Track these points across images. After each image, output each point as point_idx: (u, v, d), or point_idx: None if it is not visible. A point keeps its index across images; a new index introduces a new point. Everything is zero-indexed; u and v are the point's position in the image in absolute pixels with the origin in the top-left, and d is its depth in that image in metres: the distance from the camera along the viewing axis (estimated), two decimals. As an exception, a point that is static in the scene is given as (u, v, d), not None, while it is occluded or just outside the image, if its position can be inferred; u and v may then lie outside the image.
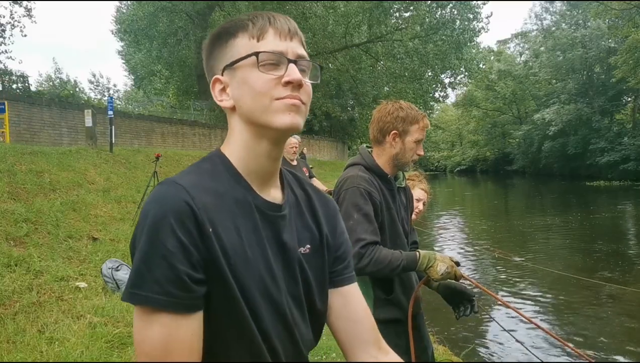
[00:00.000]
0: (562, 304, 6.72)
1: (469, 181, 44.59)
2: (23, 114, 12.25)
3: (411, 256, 1.90)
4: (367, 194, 1.93)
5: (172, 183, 0.79)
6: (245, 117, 0.87)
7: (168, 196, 0.77)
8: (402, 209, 2.10)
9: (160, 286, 0.73)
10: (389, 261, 1.87)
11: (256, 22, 0.86)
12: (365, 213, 1.91)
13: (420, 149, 2.06)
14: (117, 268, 5.23)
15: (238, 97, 0.87)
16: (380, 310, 1.97)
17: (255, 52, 0.84)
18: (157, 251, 0.74)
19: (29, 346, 3.65)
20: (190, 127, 19.88)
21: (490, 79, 49.24)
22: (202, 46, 0.95)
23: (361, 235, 1.87)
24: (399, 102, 2.07)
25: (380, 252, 1.88)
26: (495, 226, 14.37)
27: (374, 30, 23.85)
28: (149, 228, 0.75)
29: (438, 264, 1.89)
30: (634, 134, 32.18)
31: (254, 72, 0.84)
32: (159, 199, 0.77)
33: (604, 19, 32.74)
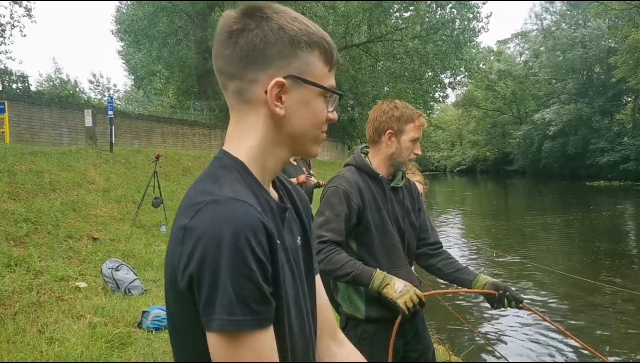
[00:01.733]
0: (562, 303, 6.72)
1: (469, 181, 44.58)
2: (23, 114, 12.25)
3: (367, 271, 1.86)
4: (345, 196, 1.94)
5: (234, 200, 0.76)
6: (292, 133, 0.87)
7: (239, 214, 0.75)
8: (397, 209, 2.08)
9: (249, 307, 0.73)
10: (342, 266, 1.85)
11: (332, 48, 0.89)
12: (337, 213, 1.92)
13: (418, 148, 2.06)
14: (117, 268, 5.23)
15: (293, 113, 0.86)
16: (372, 308, 1.97)
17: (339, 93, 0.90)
18: (242, 273, 0.72)
19: (29, 346, 3.65)
20: (190, 127, 19.87)
21: (490, 79, 49.20)
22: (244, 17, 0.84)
23: (324, 232, 1.89)
24: (394, 102, 2.07)
25: (338, 254, 1.87)
26: (496, 226, 14.37)
27: (374, 30, 23.85)
28: (230, 251, 0.72)
29: (395, 283, 1.84)
30: (634, 134, 32.17)
31: (319, 101, 0.88)
32: (232, 219, 0.74)
33: (604, 19, 32.73)
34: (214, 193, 0.78)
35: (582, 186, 28.51)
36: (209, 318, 0.73)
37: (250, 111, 0.86)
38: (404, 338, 2.04)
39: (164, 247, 7.17)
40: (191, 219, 0.75)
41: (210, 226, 0.73)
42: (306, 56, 0.85)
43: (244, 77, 0.84)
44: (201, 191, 0.80)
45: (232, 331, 0.72)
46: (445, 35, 24.67)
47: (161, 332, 4.10)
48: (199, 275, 0.73)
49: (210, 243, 0.72)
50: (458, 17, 25.05)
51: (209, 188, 0.80)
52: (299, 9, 20.57)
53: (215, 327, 0.72)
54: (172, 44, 23.91)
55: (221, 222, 0.73)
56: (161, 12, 22.54)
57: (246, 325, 0.73)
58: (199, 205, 0.76)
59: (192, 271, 0.73)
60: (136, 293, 5.09)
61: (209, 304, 0.73)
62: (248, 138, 0.87)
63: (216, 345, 0.73)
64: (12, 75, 17.32)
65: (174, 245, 0.78)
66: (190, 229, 0.75)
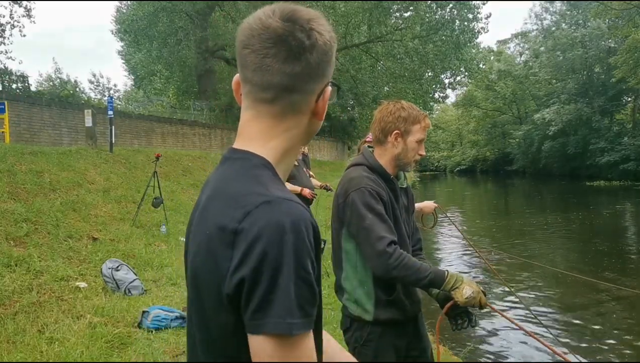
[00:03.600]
0: (562, 303, 6.71)
1: (469, 181, 44.58)
2: (23, 114, 12.25)
3: (440, 273, 1.87)
4: (377, 194, 1.93)
5: (286, 201, 0.76)
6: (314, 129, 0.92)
7: (295, 214, 0.75)
8: (403, 211, 2.10)
9: (304, 310, 0.73)
10: (417, 269, 1.84)
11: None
12: (378, 213, 1.90)
13: (422, 149, 2.06)
14: (117, 268, 5.23)
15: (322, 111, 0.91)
16: (381, 310, 1.96)
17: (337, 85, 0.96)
18: (300, 275, 0.73)
19: (29, 346, 3.65)
20: (190, 127, 19.87)
21: (490, 79, 49.20)
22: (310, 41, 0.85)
23: (382, 233, 1.85)
24: (401, 102, 2.07)
25: (409, 258, 1.86)
26: (496, 226, 14.37)
27: (373, 30, 23.84)
28: (291, 251, 0.72)
29: (465, 287, 1.85)
30: (634, 134, 32.18)
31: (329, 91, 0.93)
32: (289, 220, 0.74)
33: (604, 19, 32.72)
34: (263, 194, 0.77)
35: (582, 186, 28.51)
36: (260, 322, 0.72)
37: (293, 117, 0.87)
38: (407, 338, 2.05)
39: (164, 247, 7.16)
40: (242, 221, 0.74)
41: (268, 228, 0.73)
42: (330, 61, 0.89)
43: (306, 91, 0.86)
44: (244, 191, 0.79)
45: (289, 334, 0.71)
46: (445, 35, 24.67)
47: (161, 331, 4.10)
48: (255, 278, 0.72)
49: (269, 245, 0.72)
50: (458, 17, 25.03)
51: (254, 188, 0.79)
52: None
53: (271, 329, 0.71)
54: (172, 44, 23.91)
55: (279, 223, 0.73)
56: (161, 12, 22.54)
57: (302, 328, 0.72)
58: (248, 207, 0.75)
59: (245, 274, 0.72)
60: (136, 293, 5.09)
61: (262, 307, 0.71)
62: (275, 140, 0.87)
63: (265, 348, 0.72)
64: (12, 75, 17.34)
65: (218, 248, 0.76)
66: (243, 231, 0.73)
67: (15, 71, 18.22)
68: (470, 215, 18.85)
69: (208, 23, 23.35)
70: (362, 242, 1.90)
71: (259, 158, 0.85)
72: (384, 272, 1.84)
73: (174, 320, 4.26)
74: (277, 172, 0.86)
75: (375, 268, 1.87)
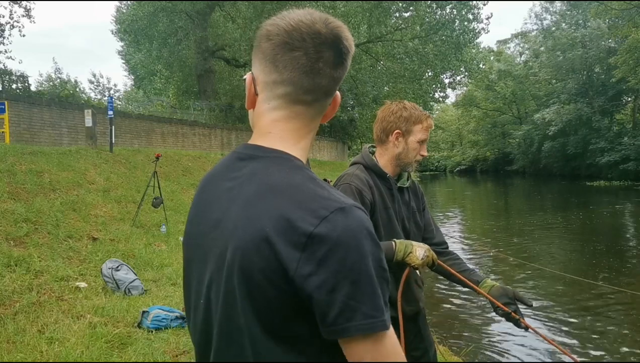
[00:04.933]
0: (561, 304, 6.71)
1: (469, 181, 44.57)
2: (23, 114, 12.25)
3: (388, 245, 1.86)
4: (358, 193, 1.94)
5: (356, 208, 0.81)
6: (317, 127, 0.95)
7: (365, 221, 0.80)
8: (403, 209, 2.09)
9: (386, 306, 0.78)
10: None
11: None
12: None
13: (424, 150, 2.07)
14: (117, 268, 5.23)
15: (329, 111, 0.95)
16: None
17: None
18: (382, 275, 0.78)
19: (29, 346, 3.65)
20: (190, 127, 19.87)
21: (490, 79, 49.21)
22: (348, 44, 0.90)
23: None
24: (403, 102, 2.07)
25: None
26: (497, 226, 14.37)
27: (374, 30, 23.83)
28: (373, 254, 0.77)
29: (416, 249, 1.86)
30: (634, 134, 32.17)
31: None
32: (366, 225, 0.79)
33: (604, 19, 32.72)
34: (334, 200, 0.80)
35: (582, 186, 28.51)
36: (347, 325, 0.75)
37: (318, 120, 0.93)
38: (407, 337, 2.04)
39: (164, 247, 7.16)
40: (317, 226, 0.76)
41: (346, 235, 0.76)
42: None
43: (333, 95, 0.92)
44: (310, 192, 0.81)
45: (382, 330, 0.76)
46: (445, 35, 24.68)
47: (161, 332, 4.10)
48: (336, 283, 0.74)
49: (350, 252, 0.75)
50: (458, 17, 25.04)
51: (320, 192, 0.81)
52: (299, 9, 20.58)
53: (365, 330, 0.75)
54: (172, 44, 23.93)
55: (356, 230, 0.77)
56: (161, 12, 22.55)
57: (390, 323, 0.78)
58: (322, 212, 0.77)
59: (324, 279, 0.75)
60: (136, 293, 5.09)
61: (348, 308, 0.75)
62: (303, 140, 0.91)
63: (361, 348, 0.76)
64: (12, 75, 17.33)
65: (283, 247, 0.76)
66: (319, 237, 0.75)
67: (15, 71, 18.22)
68: (471, 215, 18.86)
69: (208, 23, 23.35)
70: None
71: (298, 159, 0.88)
72: None
73: (174, 320, 4.26)
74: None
75: None
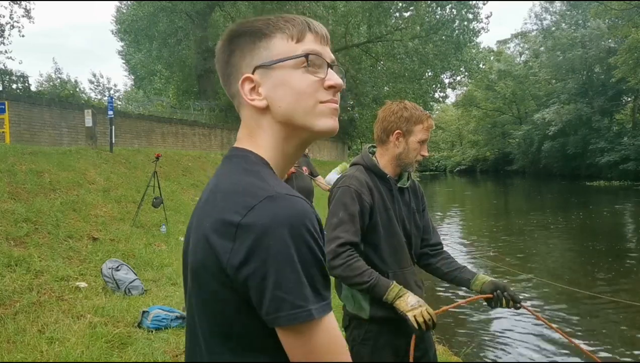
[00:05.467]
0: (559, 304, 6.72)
1: (469, 181, 44.57)
2: (23, 114, 12.26)
3: (384, 283, 1.85)
4: (357, 195, 1.94)
5: (288, 196, 0.77)
6: (282, 118, 0.86)
7: (300, 207, 0.76)
8: (403, 210, 2.09)
9: (320, 294, 0.75)
10: (360, 274, 1.83)
11: (294, 24, 0.87)
12: (350, 213, 1.91)
13: (425, 150, 2.07)
14: (117, 268, 5.23)
15: (274, 98, 0.86)
16: (377, 308, 1.96)
17: (306, 53, 0.84)
18: (312, 263, 0.75)
19: (29, 346, 3.65)
20: (190, 127, 19.87)
21: (490, 79, 49.19)
22: (219, 45, 0.91)
23: (340, 233, 1.87)
24: (404, 102, 2.07)
25: (356, 261, 1.85)
26: (497, 226, 14.37)
27: (374, 30, 23.85)
28: (301, 242, 0.74)
29: (408, 296, 1.83)
30: (634, 134, 32.16)
31: (297, 73, 0.85)
32: (292, 214, 0.75)
33: (604, 19, 32.71)
34: (265, 189, 0.78)
35: (582, 186, 28.51)
36: (276, 315, 0.73)
37: (256, 115, 0.88)
38: (406, 337, 2.04)
39: (164, 247, 7.16)
40: (245, 216, 0.75)
41: (272, 223, 0.74)
42: (266, 44, 0.86)
43: (231, 91, 0.90)
44: (244, 186, 0.80)
45: (308, 321, 0.73)
46: (445, 35, 24.69)
47: (161, 331, 4.10)
48: (263, 273, 0.73)
49: (277, 238, 0.73)
50: (458, 17, 25.05)
51: (255, 183, 0.80)
52: (299, 9, 20.59)
53: (291, 321, 0.73)
54: (172, 44, 23.93)
55: (283, 218, 0.74)
56: (161, 12, 22.56)
57: (322, 312, 0.75)
58: (251, 201, 0.76)
59: (253, 269, 0.73)
60: (136, 293, 5.09)
61: (275, 301, 0.73)
62: (259, 137, 0.88)
63: (289, 337, 0.75)
64: (12, 75, 17.34)
65: (217, 240, 0.77)
66: (246, 226, 0.74)
67: (15, 71, 18.24)
68: (471, 215, 18.86)
69: (208, 23, 23.35)
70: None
71: (255, 155, 0.87)
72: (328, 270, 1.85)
73: (174, 320, 4.26)
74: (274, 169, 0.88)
75: None
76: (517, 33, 51.05)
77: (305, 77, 0.85)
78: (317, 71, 0.86)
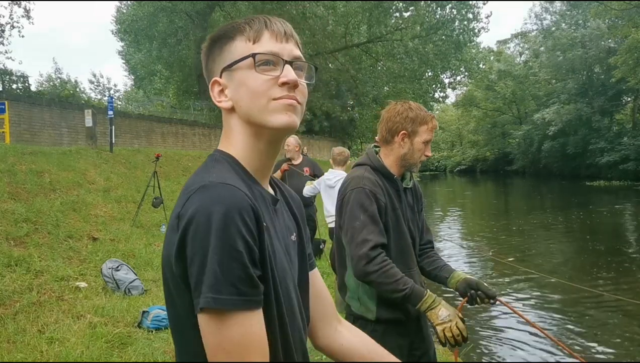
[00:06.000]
0: (560, 306, 6.72)
1: (469, 181, 44.56)
2: (23, 114, 12.26)
3: (418, 292, 1.85)
4: (373, 195, 1.94)
5: (221, 184, 0.79)
6: (244, 117, 0.90)
7: (229, 196, 0.78)
8: (408, 210, 2.10)
9: (236, 287, 0.75)
10: (395, 281, 1.83)
11: (252, 25, 0.90)
12: (371, 214, 1.90)
13: (429, 151, 2.07)
14: (117, 268, 5.23)
15: (236, 98, 0.90)
16: (383, 309, 1.96)
17: (252, 53, 0.87)
18: (229, 253, 0.75)
19: (29, 346, 3.66)
20: (190, 127, 19.88)
21: (490, 79, 49.16)
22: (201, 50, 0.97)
23: (368, 236, 1.86)
24: (409, 103, 2.07)
25: (392, 268, 1.85)
26: (497, 226, 14.37)
27: (373, 30, 23.82)
28: (218, 230, 0.75)
29: (441, 308, 1.84)
30: (634, 134, 32.16)
31: (251, 73, 0.88)
32: (221, 201, 0.76)
33: (604, 19, 32.71)
34: (203, 180, 0.82)
35: (582, 186, 28.50)
36: (197, 300, 0.75)
37: (227, 116, 0.93)
38: (409, 337, 2.05)
39: (164, 247, 7.17)
40: (182, 206, 0.79)
41: (199, 210, 0.76)
42: (228, 47, 0.90)
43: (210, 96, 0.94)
44: (191, 181, 0.85)
45: (218, 309, 0.74)
46: (445, 35, 24.67)
47: (161, 331, 4.10)
48: (191, 258, 0.76)
49: (199, 226, 0.75)
50: (458, 17, 25.04)
51: (200, 176, 0.85)
52: (299, 9, 20.58)
53: (201, 305, 0.75)
54: (172, 44, 23.91)
55: (208, 204, 0.76)
56: (161, 12, 22.54)
57: (231, 304, 0.75)
58: (189, 193, 0.80)
59: (185, 255, 0.76)
60: (136, 293, 5.09)
61: (198, 285, 0.75)
62: (231, 137, 0.93)
63: (203, 323, 0.76)
64: (12, 75, 17.34)
65: (169, 234, 0.81)
66: (182, 216, 0.78)
67: (15, 71, 18.26)
68: (471, 215, 18.86)
69: (208, 23, 23.32)
70: (348, 242, 1.92)
71: (222, 153, 0.92)
72: (362, 275, 1.86)
73: (174, 320, 4.25)
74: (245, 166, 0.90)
75: (354, 269, 1.88)
76: (517, 33, 51.07)
77: (258, 76, 0.87)
78: (272, 69, 0.88)
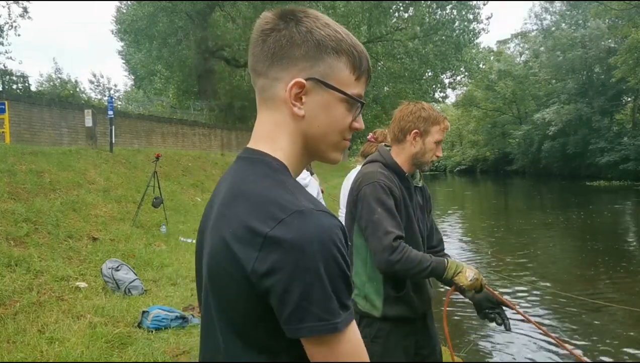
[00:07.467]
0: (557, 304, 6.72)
1: (469, 181, 44.57)
2: (23, 114, 12.26)
3: (440, 262, 1.91)
4: (388, 189, 1.95)
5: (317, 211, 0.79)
6: (309, 134, 0.89)
7: (326, 225, 0.78)
8: (417, 209, 2.12)
9: (344, 305, 0.77)
10: (419, 262, 1.87)
11: (362, 59, 0.89)
12: (388, 208, 1.92)
13: (439, 151, 2.10)
14: (117, 268, 5.23)
15: (313, 115, 0.87)
16: (390, 307, 1.97)
17: (359, 99, 0.90)
18: (337, 276, 0.76)
19: (29, 346, 3.66)
20: (190, 127, 19.88)
21: (490, 79, 49.17)
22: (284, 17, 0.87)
23: (389, 227, 1.88)
24: (421, 103, 2.11)
25: (411, 251, 1.88)
26: (497, 226, 14.37)
27: (374, 30, 23.86)
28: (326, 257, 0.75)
29: (466, 270, 1.91)
30: (634, 134, 32.16)
31: (341, 105, 0.88)
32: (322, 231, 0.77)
33: (604, 19, 32.73)
34: (294, 203, 0.79)
35: (582, 186, 28.50)
36: (299, 326, 0.76)
37: (275, 109, 0.88)
38: (415, 335, 2.06)
39: (164, 247, 7.17)
40: (273, 229, 0.76)
41: (301, 239, 0.75)
42: (332, 61, 0.86)
43: (269, 75, 0.87)
44: (273, 197, 0.80)
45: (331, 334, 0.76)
46: (446, 35, 24.69)
47: (161, 331, 4.10)
48: (287, 286, 0.75)
49: (304, 256, 0.74)
50: (458, 17, 25.05)
51: (283, 195, 0.80)
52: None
53: (315, 332, 0.75)
54: (172, 44, 23.93)
55: (312, 234, 0.76)
56: (161, 12, 22.56)
57: (346, 322, 0.77)
58: (279, 214, 0.77)
59: (277, 281, 0.75)
60: (136, 293, 5.09)
61: (298, 313, 0.75)
62: (280, 139, 0.89)
63: (312, 348, 0.77)
64: (12, 75, 17.33)
65: (240, 247, 0.78)
66: (275, 238, 0.75)
67: (15, 71, 18.24)
68: (471, 215, 18.86)
69: (208, 23, 23.35)
70: (369, 235, 1.92)
71: (277, 161, 0.87)
72: (387, 266, 1.87)
73: (174, 320, 4.26)
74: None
75: (379, 262, 1.89)
76: (517, 33, 51.10)
77: (345, 113, 0.89)
78: (353, 110, 0.90)
